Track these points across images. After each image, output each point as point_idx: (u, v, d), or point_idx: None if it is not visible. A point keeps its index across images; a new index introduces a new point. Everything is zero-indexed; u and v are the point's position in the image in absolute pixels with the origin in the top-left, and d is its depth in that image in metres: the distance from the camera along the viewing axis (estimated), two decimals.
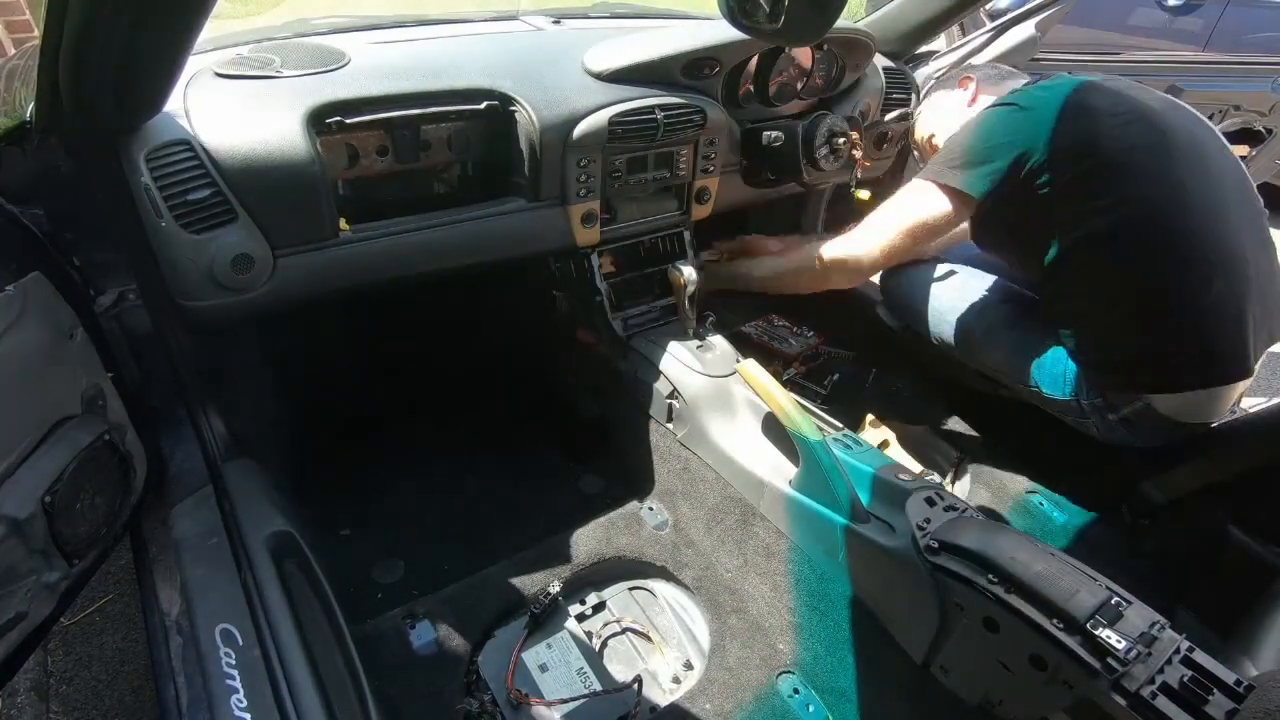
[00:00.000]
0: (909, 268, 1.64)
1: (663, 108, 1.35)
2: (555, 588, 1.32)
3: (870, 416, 1.80)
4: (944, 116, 1.53)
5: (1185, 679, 0.81)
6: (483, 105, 1.24)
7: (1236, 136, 2.24)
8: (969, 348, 1.54)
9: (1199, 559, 1.42)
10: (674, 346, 1.47)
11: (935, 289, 1.60)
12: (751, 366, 1.28)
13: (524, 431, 1.84)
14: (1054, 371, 1.39)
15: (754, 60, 1.52)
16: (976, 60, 1.85)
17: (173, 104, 1.00)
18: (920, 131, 1.63)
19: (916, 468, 1.72)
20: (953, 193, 1.28)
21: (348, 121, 1.12)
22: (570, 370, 1.80)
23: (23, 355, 0.82)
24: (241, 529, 1.01)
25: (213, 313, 1.11)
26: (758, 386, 1.26)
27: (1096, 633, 0.84)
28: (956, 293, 1.56)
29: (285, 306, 1.17)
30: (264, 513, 1.05)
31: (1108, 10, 4.16)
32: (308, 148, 1.06)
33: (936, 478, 1.71)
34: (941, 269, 1.62)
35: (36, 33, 1.19)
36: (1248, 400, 1.49)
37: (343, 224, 1.16)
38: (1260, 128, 2.20)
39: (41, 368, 0.86)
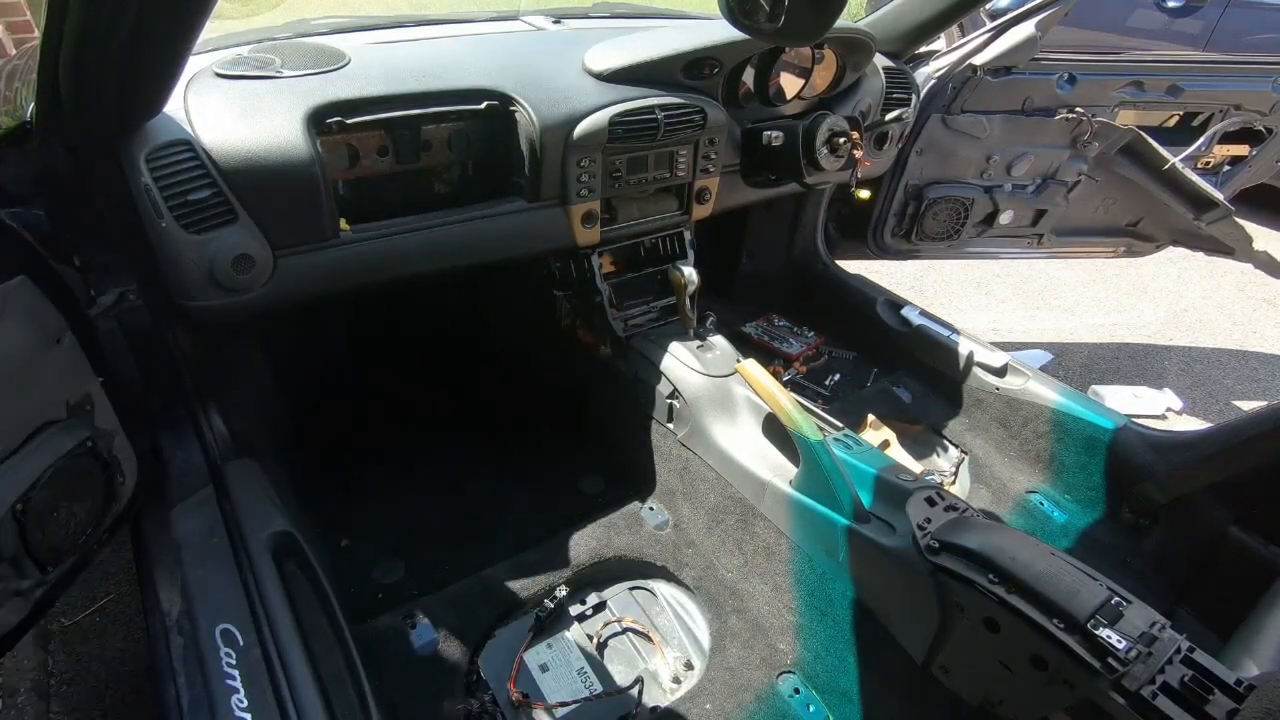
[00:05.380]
0: None
1: (663, 108, 1.35)
2: (562, 592, 1.32)
3: (871, 416, 1.80)
4: None
5: (1186, 679, 0.81)
6: (483, 105, 1.24)
7: (1236, 136, 2.24)
8: None
9: (1199, 559, 1.42)
10: (674, 346, 1.47)
11: None
12: (752, 366, 1.28)
13: (524, 432, 1.84)
14: None
15: (754, 60, 1.52)
16: (977, 60, 1.85)
17: (173, 104, 1.00)
18: None
19: (917, 468, 1.72)
20: None
21: (348, 122, 1.12)
22: (571, 370, 1.80)
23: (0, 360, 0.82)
24: (242, 529, 1.01)
25: (213, 313, 1.11)
26: (758, 386, 1.26)
27: (1097, 633, 0.84)
28: None
29: (286, 306, 1.17)
30: (265, 513, 1.05)
31: (1108, 11, 4.16)
32: (308, 148, 1.06)
33: (937, 478, 1.71)
34: None
35: (37, 33, 1.19)
36: (1248, 401, 1.49)
37: (343, 224, 1.16)
38: (1260, 128, 2.19)
39: (21, 373, 0.85)
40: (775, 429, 1.30)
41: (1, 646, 0.83)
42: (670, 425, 1.47)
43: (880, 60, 1.77)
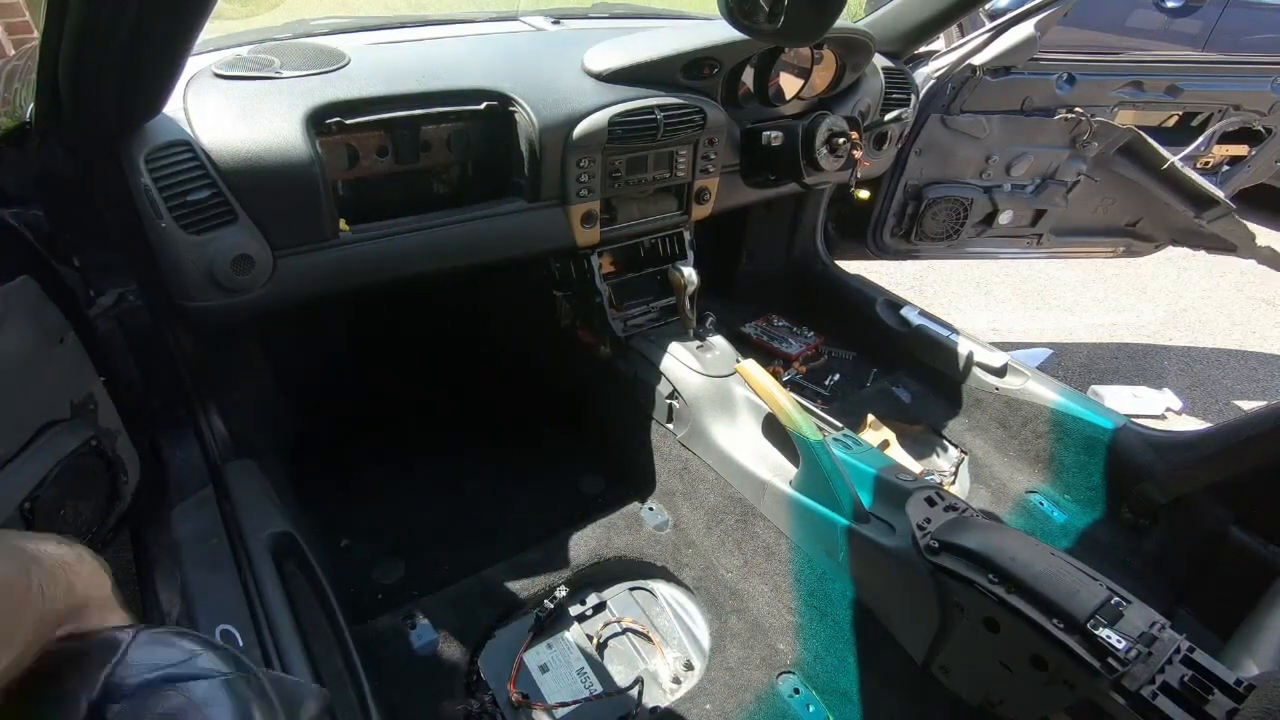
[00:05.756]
0: None
1: (663, 108, 1.35)
2: (562, 592, 1.32)
3: (870, 416, 1.80)
4: None
5: (1185, 679, 0.81)
6: (482, 106, 1.24)
7: (1235, 136, 2.24)
8: None
9: (1199, 559, 1.42)
10: (674, 347, 1.47)
11: None
12: (751, 366, 1.29)
13: (524, 432, 1.84)
14: None
15: (753, 60, 1.52)
16: (976, 60, 1.85)
17: (172, 105, 1.00)
18: None
19: (916, 468, 1.72)
20: None
21: (347, 122, 1.12)
22: (571, 371, 1.80)
23: (3, 359, 0.82)
24: (242, 530, 1.01)
25: (213, 313, 1.11)
26: (758, 386, 1.26)
27: (1097, 633, 0.84)
28: None
29: (285, 307, 1.17)
30: (264, 513, 1.05)
31: (1107, 11, 4.17)
32: (307, 148, 1.06)
33: (936, 478, 1.71)
34: None
35: (37, 33, 1.19)
36: (1248, 401, 1.49)
37: (342, 224, 1.16)
38: (1260, 127, 2.19)
39: (25, 372, 0.85)
40: (775, 429, 1.30)
41: None
42: (670, 425, 1.47)
43: (880, 60, 1.77)
